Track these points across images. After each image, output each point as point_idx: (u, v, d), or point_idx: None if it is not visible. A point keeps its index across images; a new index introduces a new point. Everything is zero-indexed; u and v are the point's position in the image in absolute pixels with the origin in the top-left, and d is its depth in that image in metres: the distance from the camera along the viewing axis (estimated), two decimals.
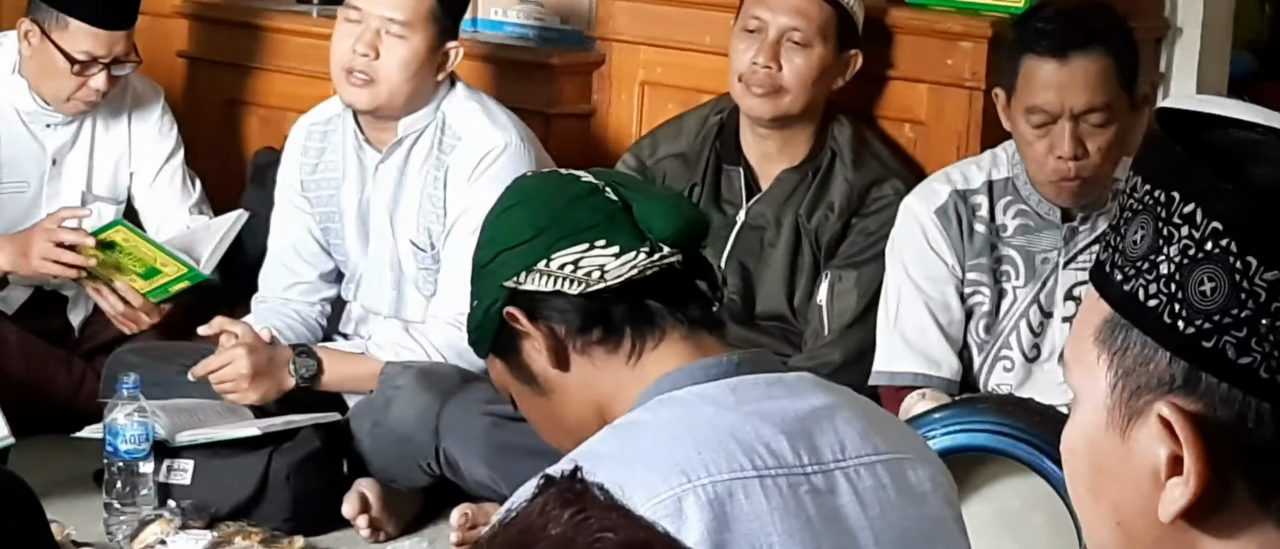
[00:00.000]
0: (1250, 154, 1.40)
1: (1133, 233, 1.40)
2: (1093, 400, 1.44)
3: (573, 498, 1.26)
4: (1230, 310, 1.33)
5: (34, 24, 5.00)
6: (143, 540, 4.21)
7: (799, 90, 4.60)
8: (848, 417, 2.39)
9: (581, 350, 2.39)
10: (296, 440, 4.50)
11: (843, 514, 2.29)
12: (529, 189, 2.51)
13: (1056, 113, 4.16)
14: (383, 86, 4.63)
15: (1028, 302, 4.33)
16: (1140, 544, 1.43)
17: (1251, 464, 1.35)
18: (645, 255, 2.35)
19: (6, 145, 5.13)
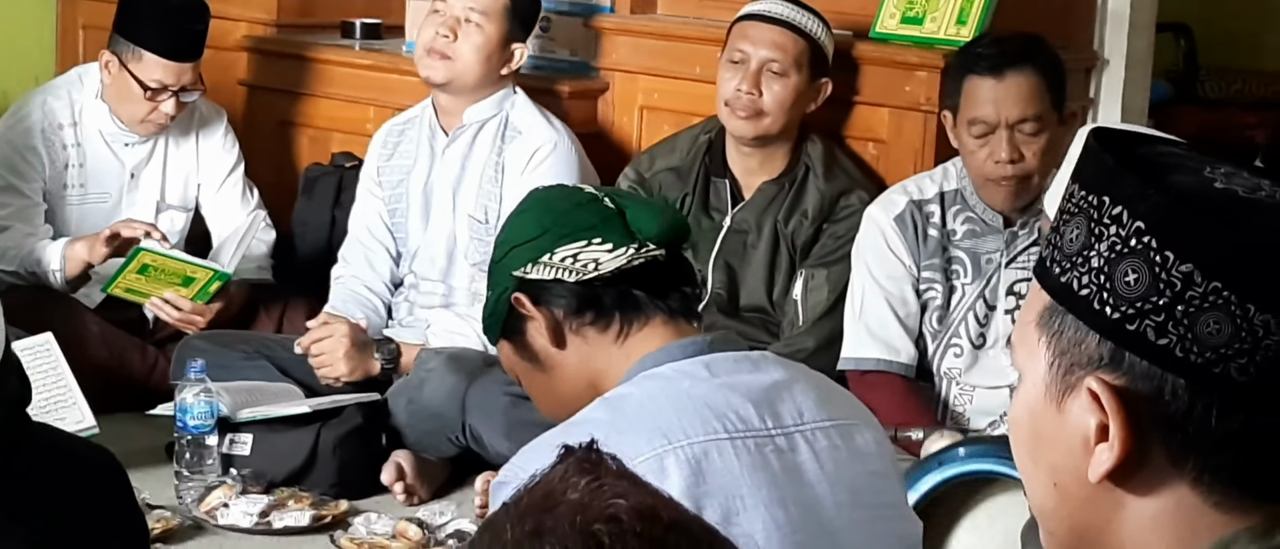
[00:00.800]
0: (1171, 165, 1.43)
1: (1069, 232, 1.43)
2: (1033, 377, 1.47)
3: (589, 467, 1.29)
4: (1150, 298, 1.37)
5: (113, 55, 4.97)
6: (208, 504, 4.18)
7: (777, 113, 4.57)
8: (804, 388, 2.48)
9: (577, 331, 2.49)
10: (342, 417, 4.46)
11: (802, 470, 2.38)
12: (539, 196, 2.65)
13: (994, 123, 4.18)
14: (458, 64, 4.71)
15: (974, 296, 4.31)
16: (1073, 502, 1.46)
17: (1168, 431, 1.38)
18: (634, 250, 2.45)
19: (91, 161, 5.11)
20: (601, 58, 5.29)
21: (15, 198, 5.00)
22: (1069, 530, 1.48)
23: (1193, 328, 1.35)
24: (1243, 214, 1.37)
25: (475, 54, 4.71)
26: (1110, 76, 5.07)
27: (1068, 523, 1.48)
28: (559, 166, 4.71)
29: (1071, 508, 1.46)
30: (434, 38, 4.73)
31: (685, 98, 4.99)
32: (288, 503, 4.20)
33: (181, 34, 4.96)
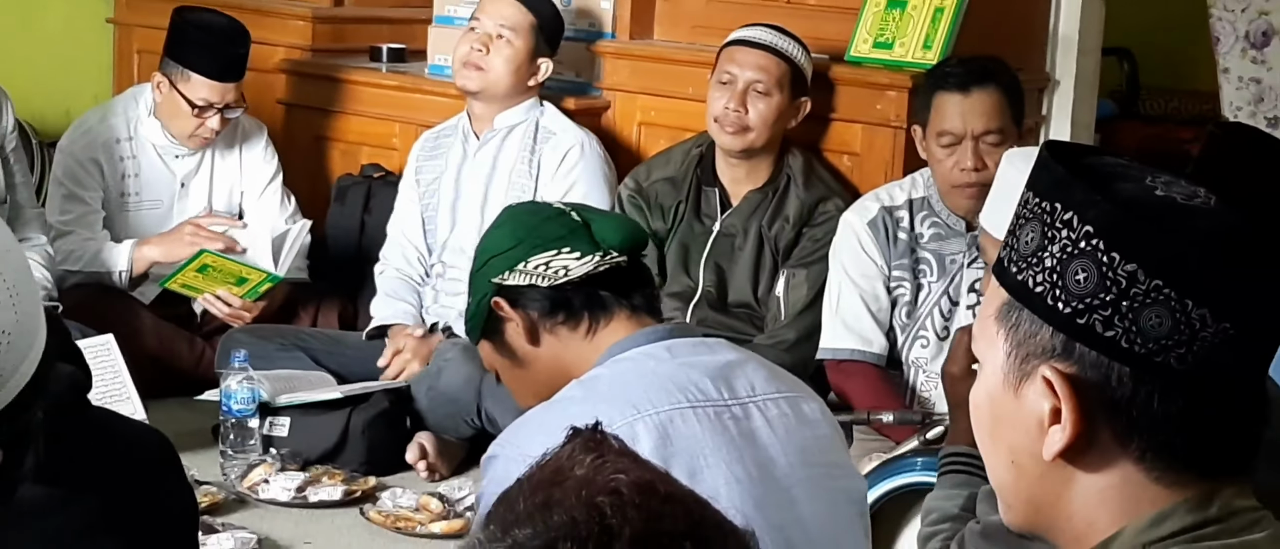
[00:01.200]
0: (1118, 174, 1.44)
1: (1025, 235, 1.44)
2: (992, 365, 1.48)
3: (594, 446, 1.28)
4: (1098, 295, 1.38)
5: (164, 77, 4.97)
6: (250, 480, 4.19)
7: (761, 129, 4.56)
8: (755, 366, 2.56)
9: (550, 330, 2.54)
10: (370, 402, 4.47)
11: (757, 434, 2.42)
12: (513, 212, 2.72)
13: (961, 134, 4.18)
14: (490, 75, 4.76)
15: (939, 293, 4.29)
16: (1029, 478, 1.47)
17: (1114, 414, 1.39)
18: (599, 258, 2.51)
19: (145, 172, 5.11)
20: (603, 79, 5.28)
21: (77, 205, 5.00)
22: (1026, 503, 1.50)
23: (1137, 321, 1.37)
24: (1181, 219, 1.39)
25: (506, 66, 4.75)
26: (1061, 96, 5.06)
27: (1024, 496, 1.49)
28: (592, 165, 4.80)
29: (1028, 483, 1.47)
30: (469, 52, 4.77)
31: (679, 115, 4.99)
32: (322, 479, 4.22)
33: (225, 57, 4.96)
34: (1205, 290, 1.37)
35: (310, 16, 5.74)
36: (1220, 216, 1.40)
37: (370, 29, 5.82)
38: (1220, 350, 1.38)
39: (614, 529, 1.15)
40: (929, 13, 4.70)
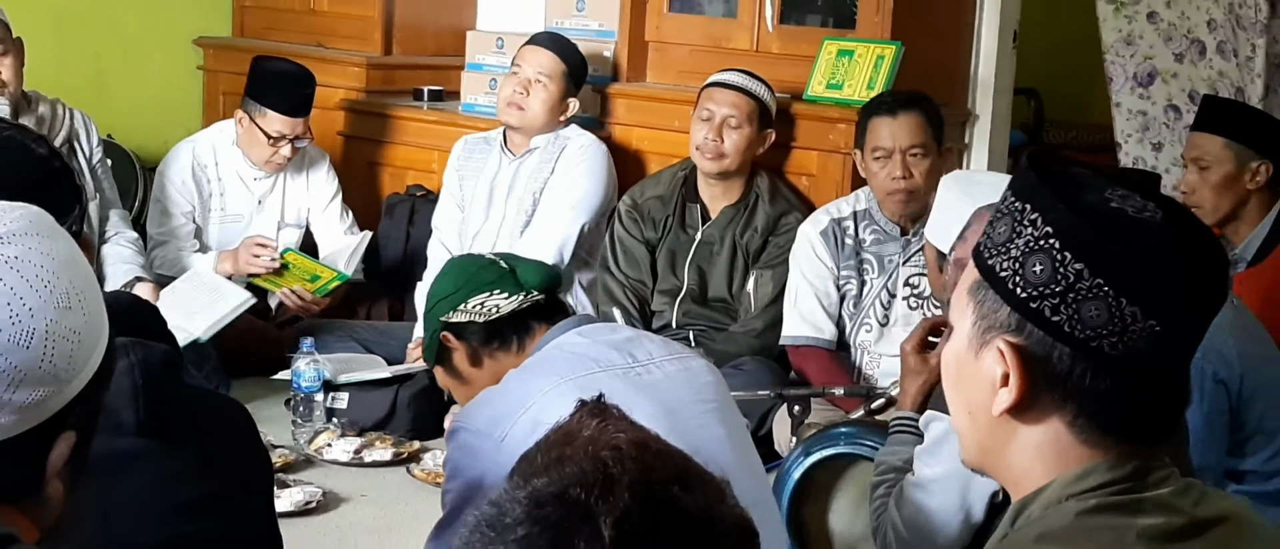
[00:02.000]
0: (1082, 185, 1.45)
1: (999, 227, 1.46)
2: (960, 332, 1.50)
3: (598, 412, 1.30)
4: (1050, 286, 1.41)
5: (244, 113, 4.98)
6: (316, 444, 4.20)
7: (734, 156, 4.55)
8: (649, 338, 2.71)
9: (489, 354, 2.64)
10: (413, 380, 4.44)
11: (658, 386, 2.49)
12: (454, 263, 2.82)
13: (891, 149, 4.20)
14: (529, 114, 4.77)
15: (880, 288, 4.29)
16: (981, 428, 1.51)
17: (1053, 384, 1.43)
18: (523, 296, 2.62)
19: (228, 191, 5.10)
20: (607, 114, 5.27)
21: (171, 219, 5.01)
22: (977, 447, 1.53)
23: (1078, 311, 1.40)
24: (1127, 229, 1.40)
25: (542, 106, 4.76)
26: (980, 128, 5.07)
27: (977, 442, 1.53)
28: (596, 158, 4.81)
29: (980, 432, 1.51)
30: (512, 93, 4.78)
31: (667, 144, 4.97)
32: (375, 443, 4.22)
33: (295, 97, 4.96)
34: (1137, 292, 1.39)
35: (364, 63, 5.72)
36: (1160, 231, 1.41)
37: (414, 74, 5.79)
38: (1146, 342, 1.40)
39: (615, 477, 1.16)
40: (872, 60, 4.70)
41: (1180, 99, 4.91)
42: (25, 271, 1.36)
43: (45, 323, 1.36)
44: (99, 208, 4.72)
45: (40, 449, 1.39)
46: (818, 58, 4.81)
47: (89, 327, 1.41)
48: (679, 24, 5.24)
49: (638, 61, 5.29)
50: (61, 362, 1.37)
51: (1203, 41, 4.80)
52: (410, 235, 5.21)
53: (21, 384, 1.35)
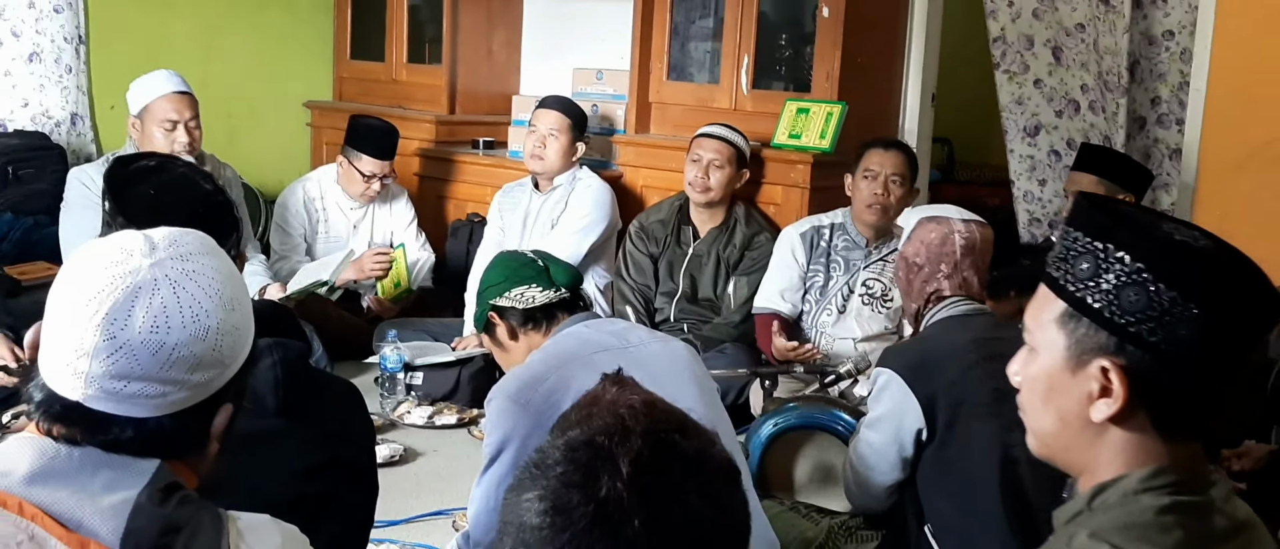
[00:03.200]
0: (1149, 223, 1.36)
1: (1078, 264, 1.35)
2: (1052, 354, 1.40)
3: (618, 381, 1.29)
4: (1147, 312, 1.32)
5: (344, 158, 4.99)
6: (397, 412, 4.19)
7: (718, 189, 4.55)
8: (639, 328, 2.70)
9: (524, 332, 2.61)
10: (473, 362, 4.42)
11: (647, 362, 2.42)
12: (504, 258, 2.72)
13: (878, 172, 4.20)
14: (547, 162, 4.78)
15: (842, 284, 4.27)
16: (1072, 430, 1.40)
17: (1146, 395, 1.34)
18: (554, 292, 2.59)
19: (330, 218, 5.09)
20: (618, 158, 5.28)
21: (288, 240, 5.01)
22: (1063, 446, 1.42)
23: (1172, 333, 1.30)
24: (1202, 259, 1.32)
25: (556, 154, 4.77)
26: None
27: (1063, 443, 1.42)
28: (599, 194, 4.77)
29: (1069, 434, 1.41)
30: (532, 147, 4.79)
31: (666, 180, 4.96)
32: (443, 411, 4.19)
33: (384, 145, 4.96)
34: (1222, 314, 1.31)
35: (434, 121, 5.71)
36: (1221, 253, 1.34)
37: (472, 128, 5.78)
38: (1222, 357, 1.33)
39: (630, 427, 1.17)
40: (823, 116, 4.68)
41: (1060, 146, 4.89)
42: (201, 282, 1.40)
43: (216, 321, 1.40)
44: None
45: (207, 417, 1.45)
46: (781, 114, 4.80)
47: (244, 324, 1.45)
48: (675, 89, 5.22)
49: (643, 118, 5.29)
50: (226, 351, 1.42)
51: (1078, 101, 4.80)
52: (469, 251, 5.19)
53: (197, 368, 1.40)
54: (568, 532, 1.11)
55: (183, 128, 4.36)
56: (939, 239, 2.81)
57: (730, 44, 4.99)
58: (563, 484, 1.13)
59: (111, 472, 1.39)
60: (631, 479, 1.12)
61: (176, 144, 4.32)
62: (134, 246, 1.40)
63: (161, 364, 1.37)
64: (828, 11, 4.72)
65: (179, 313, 1.37)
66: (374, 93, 6.15)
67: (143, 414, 1.39)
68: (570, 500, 1.12)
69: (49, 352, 1.39)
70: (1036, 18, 4.79)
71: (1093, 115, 4.73)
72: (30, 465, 1.38)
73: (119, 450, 1.40)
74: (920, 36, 4.97)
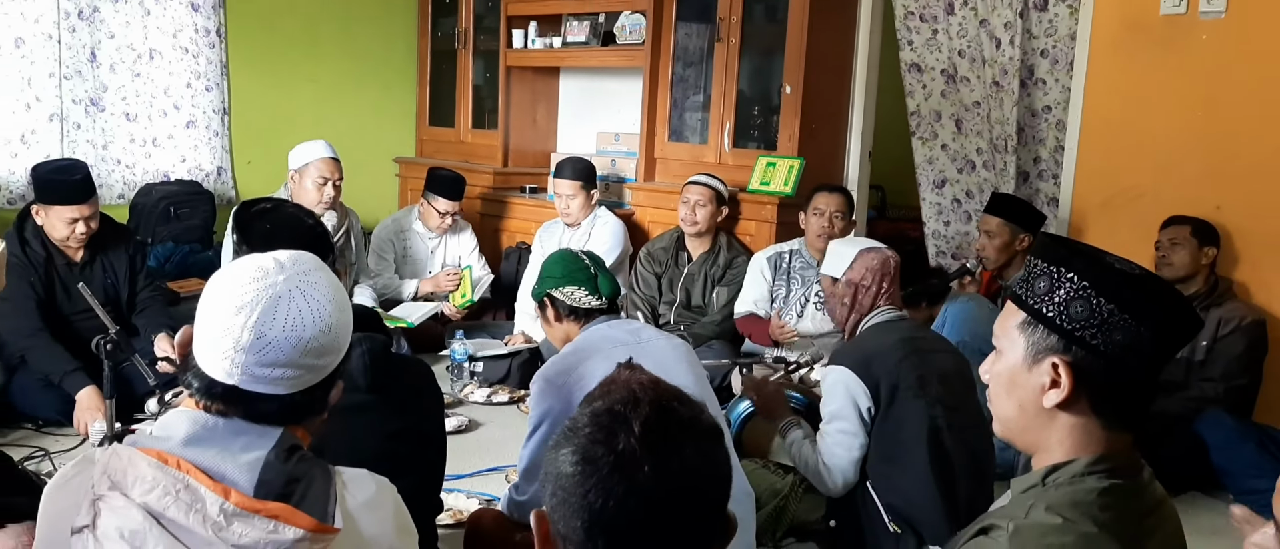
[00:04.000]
0: (1095, 254, 1.32)
1: (1037, 283, 1.33)
2: (1014, 353, 1.36)
3: (630, 367, 1.27)
4: (1090, 320, 1.29)
5: (424, 198, 4.97)
6: (463, 392, 4.16)
7: (704, 223, 4.52)
8: (648, 328, 2.57)
9: (566, 320, 2.51)
10: (521, 354, 4.40)
11: (656, 352, 2.40)
12: (566, 257, 2.57)
13: (825, 210, 4.20)
14: (571, 215, 4.73)
15: (799, 295, 4.24)
16: (1028, 416, 1.35)
17: (1087, 387, 1.31)
18: (597, 300, 2.50)
19: (413, 247, 5.06)
20: (630, 200, 5.24)
21: (381, 263, 4.98)
22: (1021, 429, 1.37)
23: (1110, 337, 1.28)
24: (1136, 280, 1.30)
25: (577, 209, 4.73)
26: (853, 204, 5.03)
27: (1022, 426, 1.37)
28: (615, 228, 4.72)
29: (1027, 418, 1.36)
30: (560, 207, 4.77)
31: (667, 217, 4.91)
32: (498, 391, 4.17)
33: (454, 190, 4.94)
34: (1152, 322, 1.28)
35: (492, 172, 5.69)
36: (1150, 279, 1.31)
37: (520, 178, 5.76)
38: (1149, 357, 1.30)
39: (640, 398, 1.17)
40: (787, 168, 4.67)
41: (960, 195, 4.88)
42: (321, 290, 1.42)
43: (333, 318, 1.42)
44: (356, 259, 4.78)
45: (325, 392, 1.46)
46: (754, 167, 4.78)
47: (348, 319, 1.46)
48: (674, 147, 5.20)
49: (650, 169, 5.26)
50: (340, 340, 1.44)
51: (974, 161, 4.79)
52: (518, 271, 5.18)
53: (323, 353, 1.41)
54: (594, 476, 1.12)
55: (330, 184, 4.41)
56: (879, 263, 2.82)
57: (716, 113, 4.99)
58: (590, 441, 1.14)
59: (248, 436, 1.40)
60: (642, 436, 1.13)
61: (325, 195, 4.38)
62: (269, 266, 1.42)
63: (298, 353, 1.38)
64: (790, 89, 4.72)
65: (310, 313, 1.39)
66: (446, 151, 6.15)
67: (281, 391, 1.40)
68: (596, 453, 1.13)
69: (206, 346, 1.40)
70: (943, 97, 4.79)
71: (986, 172, 4.73)
72: (186, 431, 1.39)
73: (259, 421, 1.41)
74: (860, 108, 4.96)
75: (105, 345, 2.92)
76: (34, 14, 4.92)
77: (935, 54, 4.76)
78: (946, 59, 4.73)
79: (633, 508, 1.11)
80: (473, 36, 5.99)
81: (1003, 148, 4.58)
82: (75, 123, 5.10)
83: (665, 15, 5.13)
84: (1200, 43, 3.99)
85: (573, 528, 1.12)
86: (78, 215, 3.66)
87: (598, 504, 1.11)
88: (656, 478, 1.12)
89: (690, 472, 1.14)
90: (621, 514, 1.11)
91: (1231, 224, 3.94)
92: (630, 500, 1.11)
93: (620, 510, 1.11)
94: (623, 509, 1.10)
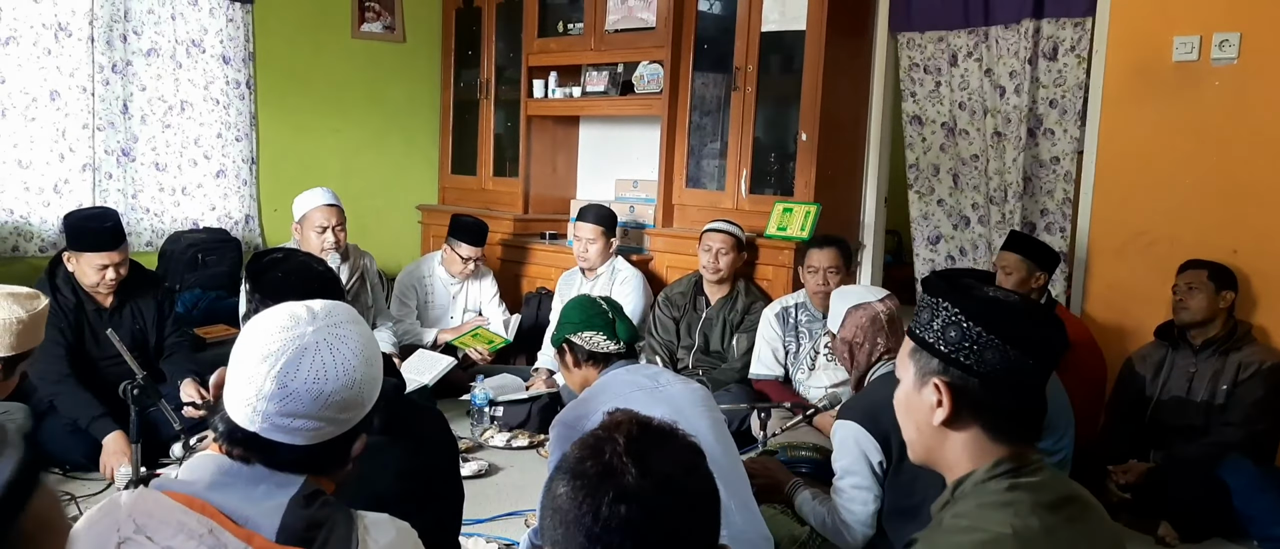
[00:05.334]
0: (971, 286, 1.40)
1: (923, 315, 1.42)
2: (906, 380, 1.44)
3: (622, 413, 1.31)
4: (962, 343, 1.38)
5: (447, 245, 4.98)
6: (484, 436, 4.14)
7: (726, 269, 4.52)
8: (666, 373, 2.52)
9: (584, 365, 2.51)
10: (541, 399, 4.39)
11: (673, 398, 2.38)
12: (584, 303, 2.56)
13: (819, 267, 4.18)
14: (590, 259, 4.73)
15: (809, 348, 4.21)
16: (925, 435, 1.43)
17: (967, 403, 1.38)
18: (615, 344, 2.50)
19: (436, 293, 5.07)
20: (649, 246, 5.25)
21: (404, 309, 5.00)
22: (924, 449, 1.45)
23: (981, 357, 1.37)
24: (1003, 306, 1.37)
25: (596, 254, 4.73)
26: (866, 253, 5.00)
27: (923, 446, 1.45)
28: (637, 282, 4.71)
29: (925, 438, 1.44)
30: (579, 251, 4.76)
31: (685, 263, 4.93)
32: (518, 436, 4.15)
33: (476, 236, 4.96)
34: (1018, 341, 1.35)
35: (513, 219, 5.73)
36: (1018, 305, 1.38)
37: (541, 224, 5.79)
38: (1022, 373, 1.37)
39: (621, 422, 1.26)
40: (803, 214, 4.67)
41: (955, 252, 4.88)
42: (350, 343, 1.41)
43: (359, 374, 1.41)
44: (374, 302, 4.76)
45: (347, 444, 1.45)
46: (771, 213, 4.79)
47: (378, 375, 1.46)
48: (692, 194, 5.22)
49: (668, 215, 5.28)
50: (365, 396, 1.43)
51: (969, 217, 4.78)
52: (539, 316, 5.19)
53: (345, 407, 1.40)
54: (585, 489, 1.18)
55: (330, 231, 4.40)
56: (868, 320, 2.80)
57: (732, 160, 5.01)
58: (578, 461, 1.21)
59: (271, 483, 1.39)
60: (626, 447, 1.20)
61: (326, 242, 4.37)
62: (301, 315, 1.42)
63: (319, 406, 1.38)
64: (806, 136, 4.73)
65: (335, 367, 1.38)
66: (468, 198, 6.19)
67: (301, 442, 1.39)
68: (585, 468, 1.20)
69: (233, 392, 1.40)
70: (942, 150, 4.80)
71: (981, 227, 4.73)
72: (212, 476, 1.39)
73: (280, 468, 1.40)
74: (875, 155, 4.97)
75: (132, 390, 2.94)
76: (70, 68, 5.01)
77: (937, 106, 4.77)
78: (947, 112, 4.74)
79: (625, 512, 1.17)
80: (494, 87, 6.06)
81: (1002, 199, 4.56)
82: (107, 173, 5.17)
83: (683, 65, 5.17)
84: (1213, 89, 3.98)
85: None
86: (108, 262, 3.70)
87: (592, 514, 1.17)
88: (642, 478, 1.18)
89: (676, 470, 1.21)
90: (614, 518, 1.16)
91: (1249, 268, 3.91)
92: (621, 504, 1.17)
93: (613, 515, 1.16)
94: (614, 514, 1.16)
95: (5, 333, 2.40)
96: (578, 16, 5.56)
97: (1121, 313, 4.22)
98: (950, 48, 4.70)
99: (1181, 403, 3.76)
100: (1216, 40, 3.95)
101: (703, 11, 5.10)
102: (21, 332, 2.42)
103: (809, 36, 4.69)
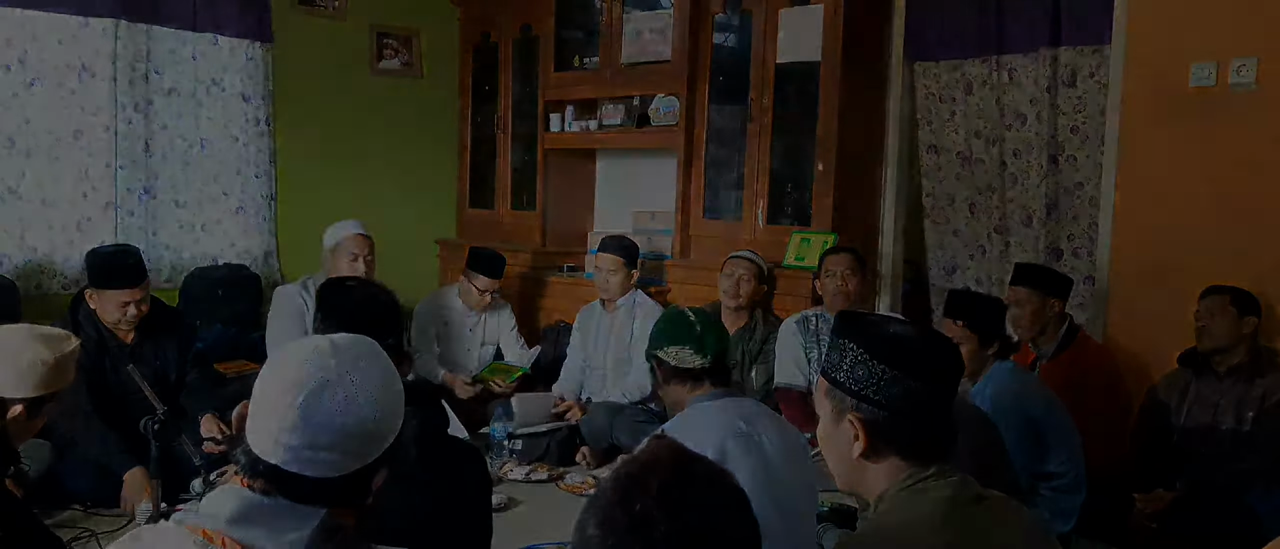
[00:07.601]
0: (876, 325, 1.49)
1: (833, 356, 1.49)
2: (825, 416, 1.52)
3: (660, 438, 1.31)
4: (869, 380, 1.45)
5: (465, 276, 4.98)
6: (503, 469, 4.13)
7: (744, 298, 4.51)
8: (764, 414, 2.35)
9: (673, 382, 2.39)
10: (560, 431, 4.39)
11: (764, 448, 2.25)
12: (673, 316, 2.48)
13: (835, 270, 4.25)
14: (611, 291, 4.68)
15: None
16: (846, 465, 1.50)
17: (880, 435, 1.46)
18: (702, 359, 2.36)
19: (453, 323, 5.06)
20: (667, 277, 5.24)
21: (422, 340, 4.98)
22: (847, 479, 1.53)
23: (888, 392, 1.45)
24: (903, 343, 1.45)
25: (616, 285, 4.67)
26: (885, 283, 4.99)
27: (845, 475, 1.53)
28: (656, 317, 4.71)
29: (846, 469, 1.51)
30: (599, 282, 4.72)
31: (703, 293, 4.91)
32: (537, 468, 4.14)
33: (494, 268, 4.96)
34: (917, 374, 1.43)
35: (531, 252, 5.74)
36: (917, 339, 1.47)
37: (558, 257, 5.80)
38: (927, 401, 1.45)
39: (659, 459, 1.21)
40: (821, 244, 4.65)
41: (970, 282, 4.86)
42: (371, 377, 1.41)
43: (379, 410, 1.41)
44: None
45: (370, 476, 1.44)
46: (789, 243, 4.78)
47: (398, 410, 1.45)
48: (709, 225, 5.22)
49: (686, 246, 5.28)
50: (385, 430, 1.42)
51: (986, 247, 4.76)
52: (556, 349, 5.17)
53: (368, 441, 1.40)
54: (612, 538, 1.13)
55: (362, 259, 4.45)
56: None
57: (750, 191, 5.00)
58: (608, 504, 1.16)
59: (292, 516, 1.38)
60: (659, 497, 1.14)
61: (356, 271, 4.42)
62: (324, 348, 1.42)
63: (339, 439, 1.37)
64: (822, 166, 4.73)
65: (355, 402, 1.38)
66: (486, 232, 6.21)
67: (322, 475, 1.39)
68: (614, 515, 1.15)
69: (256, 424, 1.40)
70: (958, 179, 4.79)
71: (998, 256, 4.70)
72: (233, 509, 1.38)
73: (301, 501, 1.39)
74: (892, 184, 4.96)
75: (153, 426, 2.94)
76: (93, 107, 5.07)
77: (952, 135, 4.76)
78: (963, 141, 4.73)
79: None
80: (511, 121, 6.09)
81: (1026, 225, 4.53)
82: (129, 210, 5.21)
83: (699, 98, 5.18)
84: (1231, 114, 3.96)
85: None
86: (129, 299, 3.72)
87: None
88: (672, 540, 1.11)
89: (709, 534, 1.13)
90: None
91: (1272, 294, 3.87)
92: None
93: None
94: None
95: (30, 373, 2.39)
96: (593, 51, 5.59)
97: (1144, 340, 4.18)
98: (966, 77, 4.70)
99: (1207, 430, 3.71)
100: (1234, 65, 3.93)
101: (718, 44, 5.12)
102: (47, 374, 2.41)
103: (824, 68, 4.70)
